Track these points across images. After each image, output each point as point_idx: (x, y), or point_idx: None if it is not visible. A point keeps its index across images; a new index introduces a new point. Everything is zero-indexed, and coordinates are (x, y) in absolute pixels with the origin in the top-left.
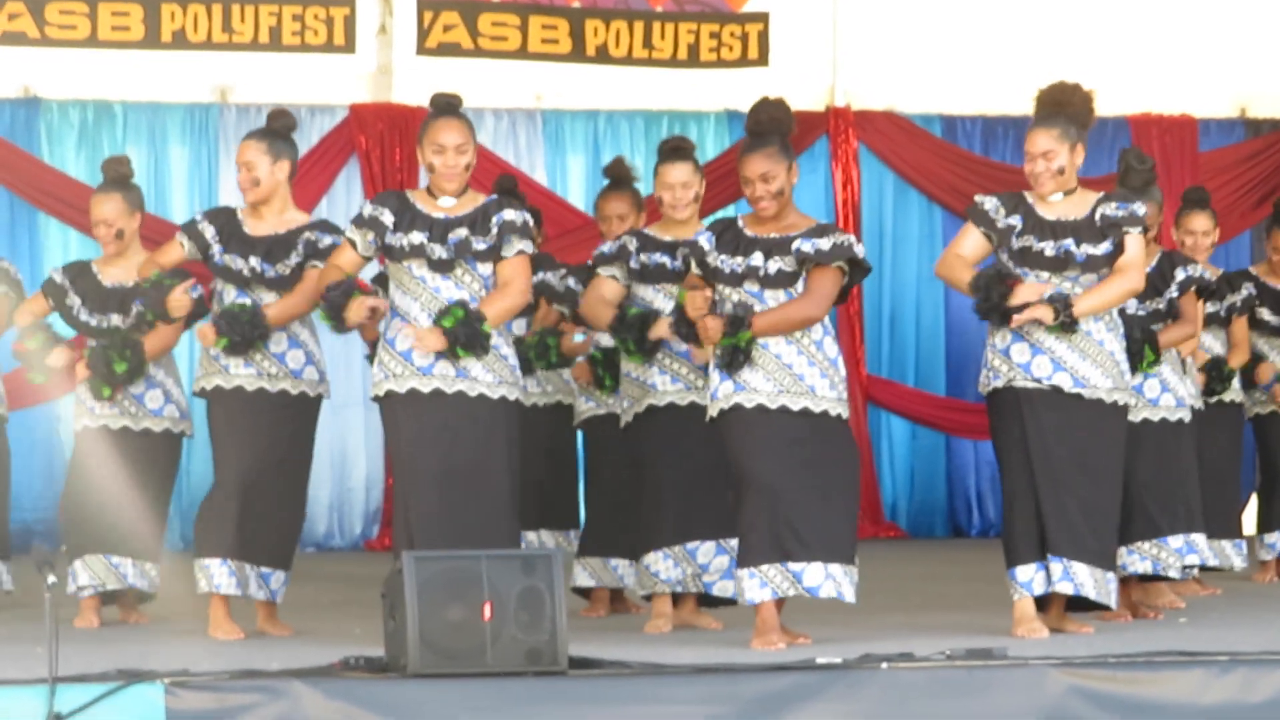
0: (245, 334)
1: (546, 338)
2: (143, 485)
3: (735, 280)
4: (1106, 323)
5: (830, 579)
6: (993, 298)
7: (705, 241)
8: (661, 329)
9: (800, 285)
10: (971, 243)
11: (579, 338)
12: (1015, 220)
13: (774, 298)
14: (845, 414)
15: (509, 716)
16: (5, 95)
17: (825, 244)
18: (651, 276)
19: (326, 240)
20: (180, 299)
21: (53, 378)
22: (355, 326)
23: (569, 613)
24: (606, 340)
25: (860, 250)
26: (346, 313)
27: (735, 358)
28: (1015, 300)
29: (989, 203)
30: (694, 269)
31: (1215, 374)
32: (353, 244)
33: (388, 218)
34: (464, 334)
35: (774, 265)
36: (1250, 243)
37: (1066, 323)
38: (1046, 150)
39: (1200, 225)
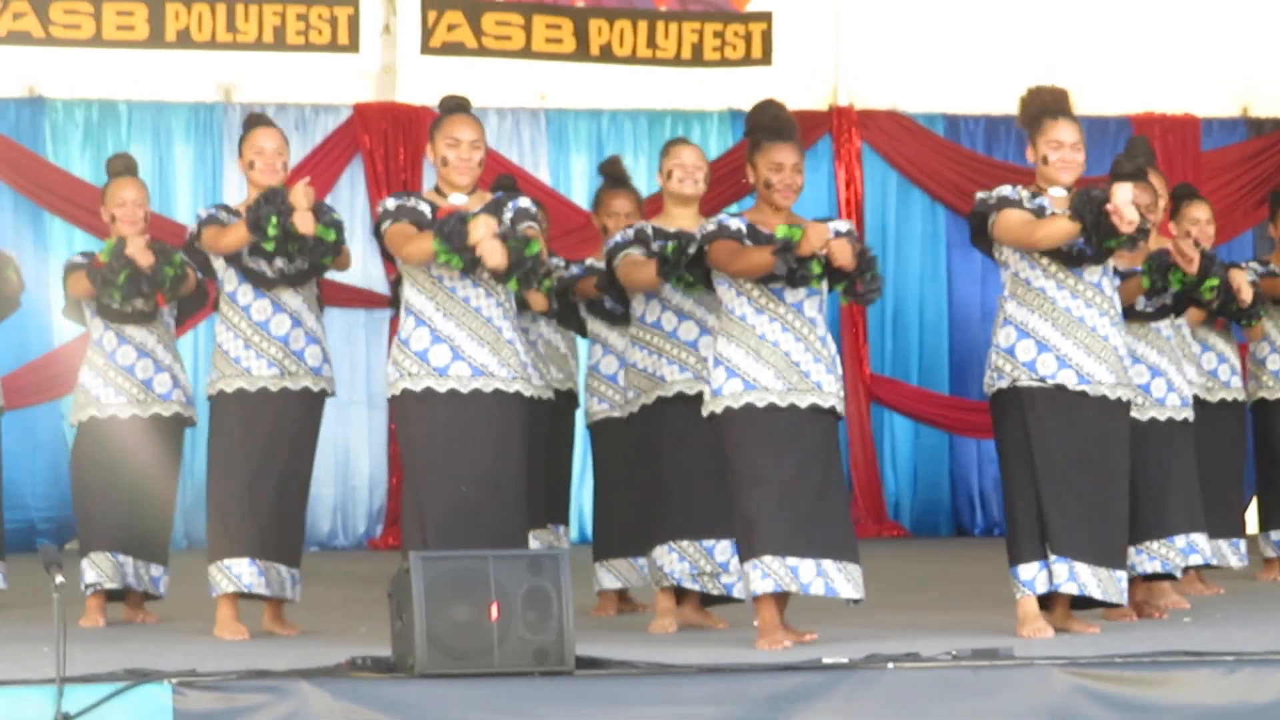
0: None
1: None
2: (152, 477)
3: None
4: (1111, 318)
5: (822, 576)
6: (1095, 211)
7: (741, 223)
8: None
9: (824, 282)
10: (1026, 213)
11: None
12: (1044, 203)
13: (794, 296)
14: (843, 411)
15: (516, 716)
16: (10, 95)
17: (842, 226)
18: None
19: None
20: (305, 189)
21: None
22: (481, 249)
23: (576, 612)
24: None
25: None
26: (471, 234)
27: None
28: (1114, 198)
29: (1005, 189)
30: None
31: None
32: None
33: (425, 207)
34: (530, 266)
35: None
36: (1252, 242)
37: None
38: (1076, 141)
39: (1202, 213)
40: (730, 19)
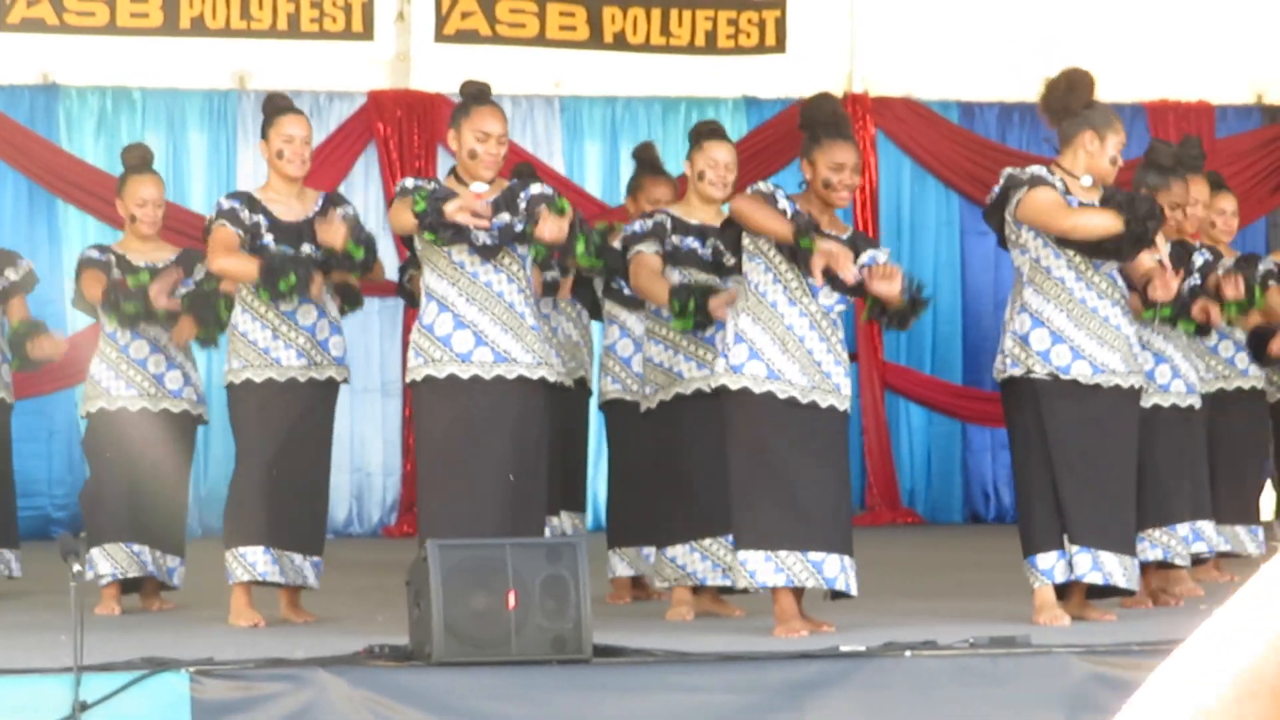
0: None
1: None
2: (162, 468)
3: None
4: (1123, 307)
5: (844, 571)
6: (1143, 214)
7: (786, 202)
8: (721, 307)
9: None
10: (1060, 196)
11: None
12: (1073, 200)
13: (827, 299)
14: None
15: (534, 704)
16: (24, 82)
17: (880, 255)
18: (682, 260)
19: (351, 212)
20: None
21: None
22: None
23: (593, 599)
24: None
25: None
26: (448, 206)
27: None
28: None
29: (1040, 169)
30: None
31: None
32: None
33: (439, 193)
34: (578, 224)
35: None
36: (1265, 229)
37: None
38: (1119, 145)
39: (1228, 205)
40: (744, 6)
